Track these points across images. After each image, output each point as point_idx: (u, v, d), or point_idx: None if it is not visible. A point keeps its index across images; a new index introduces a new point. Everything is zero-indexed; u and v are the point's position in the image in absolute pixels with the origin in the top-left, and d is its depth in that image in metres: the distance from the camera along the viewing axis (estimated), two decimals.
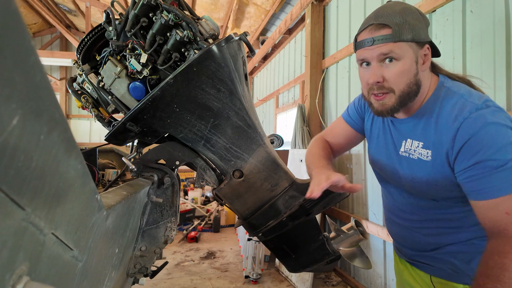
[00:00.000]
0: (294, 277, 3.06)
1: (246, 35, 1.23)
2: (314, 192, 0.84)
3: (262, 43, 5.66)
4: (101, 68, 1.27)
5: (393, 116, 0.98)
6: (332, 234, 1.35)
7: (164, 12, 1.13)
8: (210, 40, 1.21)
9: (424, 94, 0.90)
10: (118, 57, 1.27)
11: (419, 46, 0.84)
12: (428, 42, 0.87)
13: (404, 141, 0.95)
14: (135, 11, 1.15)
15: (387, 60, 0.83)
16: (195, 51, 1.17)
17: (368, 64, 0.88)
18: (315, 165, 1.02)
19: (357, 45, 0.89)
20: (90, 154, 2.12)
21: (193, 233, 4.35)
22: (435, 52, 0.92)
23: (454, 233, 0.95)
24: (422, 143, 0.90)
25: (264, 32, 5.74)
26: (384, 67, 0.85)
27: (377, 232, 2.58)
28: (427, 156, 0.88)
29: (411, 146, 0.93)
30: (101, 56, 1.31)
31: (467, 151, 0.79)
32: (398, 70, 0.83)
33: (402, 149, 0.96)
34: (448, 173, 0.85)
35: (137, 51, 1.21)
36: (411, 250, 1.08)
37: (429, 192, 0.92)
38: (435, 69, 0.96)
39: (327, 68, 3.57)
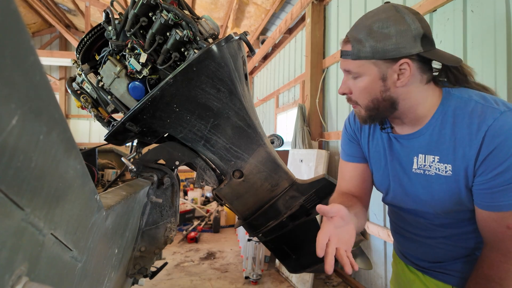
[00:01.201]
0: (294, 277, 3.05)
1: (246, 35, 1.23)
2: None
3: (262, 42, 5.65)
4: (100, 68, 1.27)
5: (394, 132, 0.93)
6: None
7: (164, 11, 1.13)
8: (210, 40, 1.21)
9: (425, 108, 0.84)
10: (118, 57, 1.27)
11: (391, 62, 0.77)
12: (408, 56, 0.76)
13: (416, 157, 0.88)
14: (135, 11, 1.15)
15: (351, 75, 0.83)
16: (195, 50, 1.16)
17: None
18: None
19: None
20: (90, 154, 2.11)
21: (193, 234, 4.35)
22: (429, 62, 0.82)
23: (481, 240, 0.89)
24: (438, 157, 0.83)
25: (264, 31, 5.74)
26: (350, 81, 0.84)
27: (378, 233, 2.57)
28: (446, 171, 0.82)
29: (425, 162, 0.86)
30: (101, 55, 1.31)
31: (492, 161, 0.74)
32: (360, 86, 0.82)
33: (415, 166, 0.88)
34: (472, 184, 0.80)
35: (136, 51, 1.20)
36: (428, 262, 1.00)
37: (454, 207, 0.85)
38: (436, 80, 0.87)
39: (327, 68, 3.57)
